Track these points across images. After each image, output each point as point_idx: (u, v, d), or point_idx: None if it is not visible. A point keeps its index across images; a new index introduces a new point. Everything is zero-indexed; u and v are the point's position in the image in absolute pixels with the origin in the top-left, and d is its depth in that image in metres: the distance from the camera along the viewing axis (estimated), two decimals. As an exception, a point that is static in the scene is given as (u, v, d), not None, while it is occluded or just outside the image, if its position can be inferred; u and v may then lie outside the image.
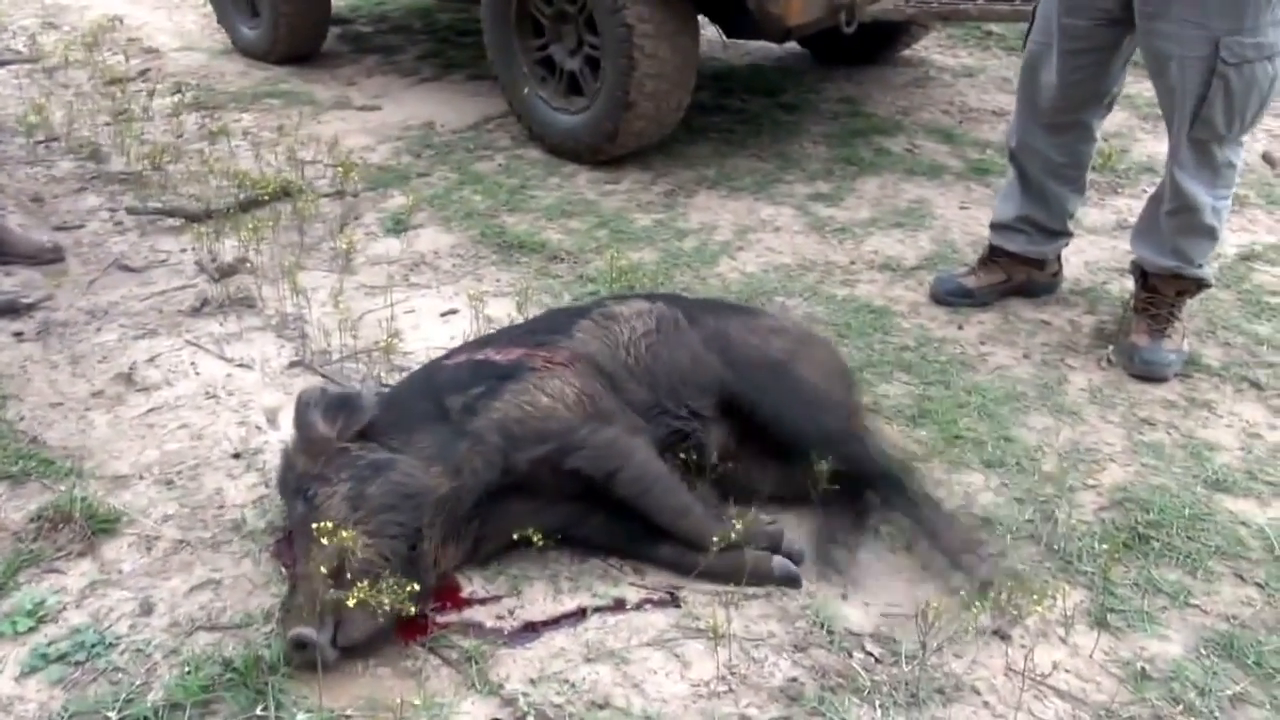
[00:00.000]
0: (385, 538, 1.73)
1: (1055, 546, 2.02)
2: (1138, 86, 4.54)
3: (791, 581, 1.87)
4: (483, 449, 1.87)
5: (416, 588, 1.68)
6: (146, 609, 1.74)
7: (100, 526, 1.91)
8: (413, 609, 1.66)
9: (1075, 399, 2.54)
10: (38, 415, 2.27)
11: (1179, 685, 1.72)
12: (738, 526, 1.80)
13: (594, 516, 1.96)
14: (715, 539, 1.80)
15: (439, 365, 2.13)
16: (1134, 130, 4.22)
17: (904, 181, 3.84)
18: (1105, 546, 1.96)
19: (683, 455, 2.06)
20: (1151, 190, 2.77)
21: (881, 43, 4.95)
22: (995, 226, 2.98)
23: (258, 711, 1.53)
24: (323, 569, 1.67)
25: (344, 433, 1.88)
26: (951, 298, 2.98)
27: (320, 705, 1.56)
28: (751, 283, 3.12)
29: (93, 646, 1.64)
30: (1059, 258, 3.03)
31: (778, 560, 1.86)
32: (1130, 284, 2.86)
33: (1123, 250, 3.27)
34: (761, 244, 3.40)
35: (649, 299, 2.28)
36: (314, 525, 1.73)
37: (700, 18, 3.94)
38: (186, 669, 1.58)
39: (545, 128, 4.12)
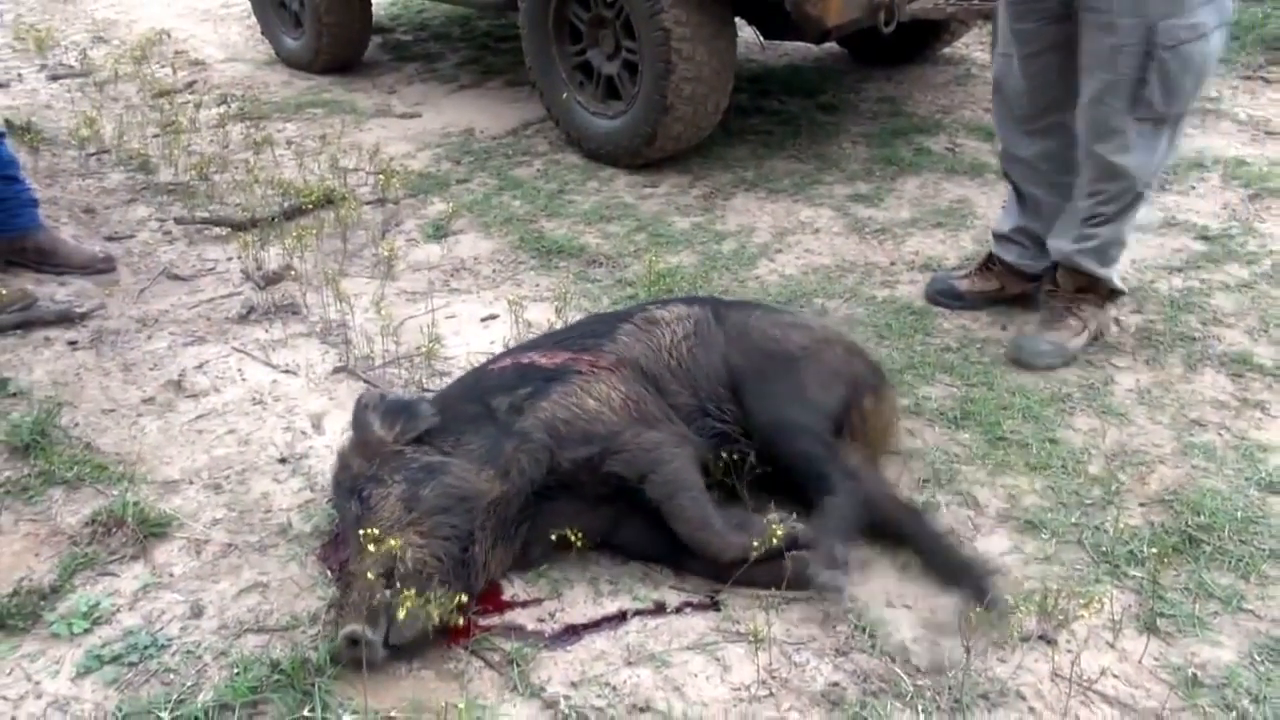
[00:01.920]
0: (438, 539, 1.75)
1: (1103, 549, 1.99)
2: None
3: (834, 590, 1.86)
4: (530, 447, 1.89)
5: (464, 599, 1.70)
6: (197, 611, 1.77)
7: (151, 530, 1.95)
8: (460, 620, 1.67)
9: (1122, 400, 2.49)
10: (91, 422, 2.33)
11: (1231, 692, 1.69)
12: (772, 534, 1.79)
13: (633, 521, 1.97)
14: (732, 555, 1.80)
15: (484, 370, 2.15)
16: (1182, 125, 4.14)
17: (945, 181, 3.81)
18: (1154, 550, 1.92)
19: (725, 456, 2.06)
20: (1199, 187, 2.72)
21: (921, 41, 4.91)
22: (995, 235, 2.96)
23: (305, 712, 1.55)
24: (376, 569, 1.69)
25: (400, 437, 1.90)
26: (941, 298, 2.97)
27: (366, 706, 1.58)
28: (790, 285, 3.11)
29: (145, 648, 1.68)
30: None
31: (823, 571, 1.84)
32: (1177, 282, 2.80)
33: (1171, 249, 3.22)
34: (800, 246, 3.39)
35: (688, 303, 2.29)
36: (367, 527, 1.77)
37: (738, 20, 3.94)
38: (235, 670, 1.61)
39: (583, 132, 4.14)
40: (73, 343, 2.68)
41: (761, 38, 4.23)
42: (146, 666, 1.65)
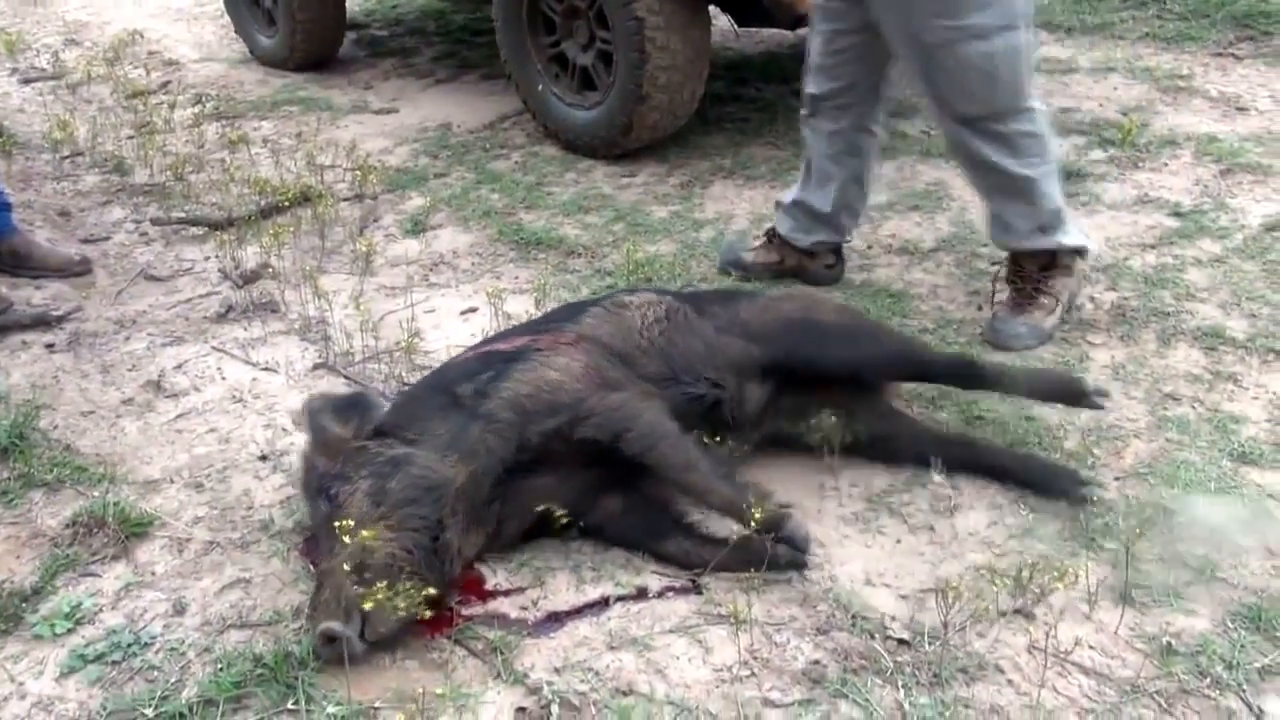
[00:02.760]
0: (408, 531, 1.76)
1: (1079, 522, 2.02)
2: (1156, 59, 4.50)
3: (796, 565, 1.87)
4: (496, 427, 1.90)
5: (432, 591, 1.71)
6: (179, 609, 1.78)
7: (133, 530, 1.96)
8: (427, 612, 1.68)
9: (1097, 376, 2.51)
10: (71, 424, 2.33)
11: (1206, 659, 1.71)
12: (756, 511, 1.81)
13: (610, 495, 1.98)
14: (739, 502, 1.83)
15: (450, 363, 2.16)
16: (1154, 103, 4.16)
17: (920, 164, 3.82)
18: (1128, 522, 1.95)
19: (710, 419, 2.08)
20: (1171, 164, 2.74)
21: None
22: (776, 205, 3.06)
23: (289, 706, 1.56)
24: (347, 565, 1.70)
25: (359, 432, 1.91)
26: (729, 268, 3.07)
27: (349, 698, 1.59)
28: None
29: (128, 646, 1.69)
30: (837, 252, 3.04)
31: (793, 524, 1.86)
32: (1151, 258, 2.82)
33: (1144, 226, 3.25)
34: (778, 232, 3.40)
35: (659, 292, 2.30)
36: (337, 523, 1.78)
37: (712, 8, 3.94)
38: (219, 666, 1.61)
39: (560, 124, 4.14)
40: (50, 345, 2.67)
41: (736, 26, 4.23)
42: (130, 664, 1.66)
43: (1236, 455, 2.20)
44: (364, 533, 1.71)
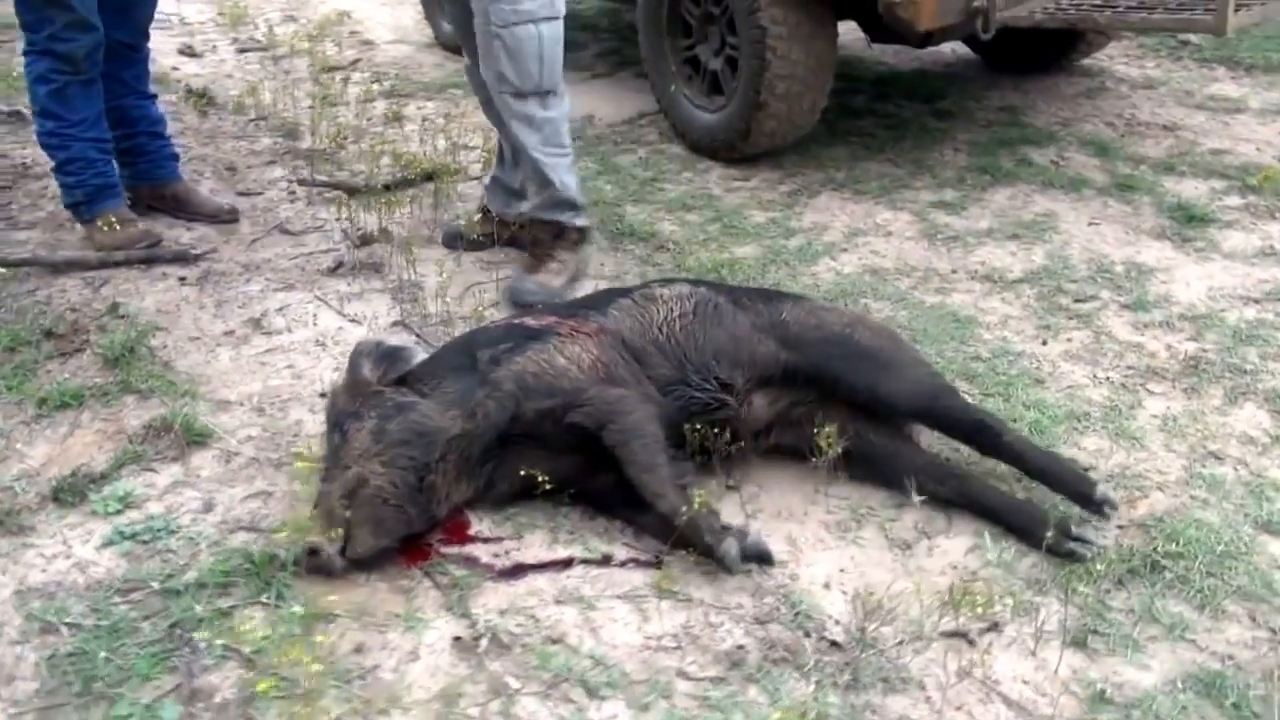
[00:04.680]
0: (397, 469, 1.96)
1: (1057, 563, 1.98)
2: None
3: (729, 563, 1.93)
4: (498, 395, 2.07)
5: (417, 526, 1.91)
6: (208, 507, 2.06)
7: (194, 439, 2.27)
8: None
9: (1143, 425, 2.43)
10: (177, 346, 2.69)
11: (1140, 713, 1.67)
12: (696, 501, 1.91)
13: (598, 474, 2.11)
14: (665, 507, 1.93)
15: (484, 327, 2.36)
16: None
17: (1038, 194, 3.72)
18: (1101, 568, 1.90)
19: (700, 426, 2.17)
20: None
21: (1057, 49, 4.75)
22: (486, 181, 3.47)
23: (262, 599, 1.81)
24: (340, 490, 1.93)
25: (384, 378, 2.13)
26: (449, 240, 3.40)
27: (313, 601, 1.81)
28: (843, 283, 3.15)
29: (159, 531, 1.98)
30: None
31: (727, 543, 1.94)
32: (1250, 313, 2.69)
33: (1256, 279, 3.06)
34: (867, 247, 3.41)
35: (693, 284, 2.41)
36: (340, 453, 2.01)
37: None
38: (219, 558, 1.88)
39: (686, 125, 4.28)
40: (183, 279, 3.07)
41: (868, 40, 4.23)
42: (154, 546, 1.95)
43: (1260, 523, 2.09)
44: (355, 467, 1.94)
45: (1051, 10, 3.39)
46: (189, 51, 6.14)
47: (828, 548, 2.08)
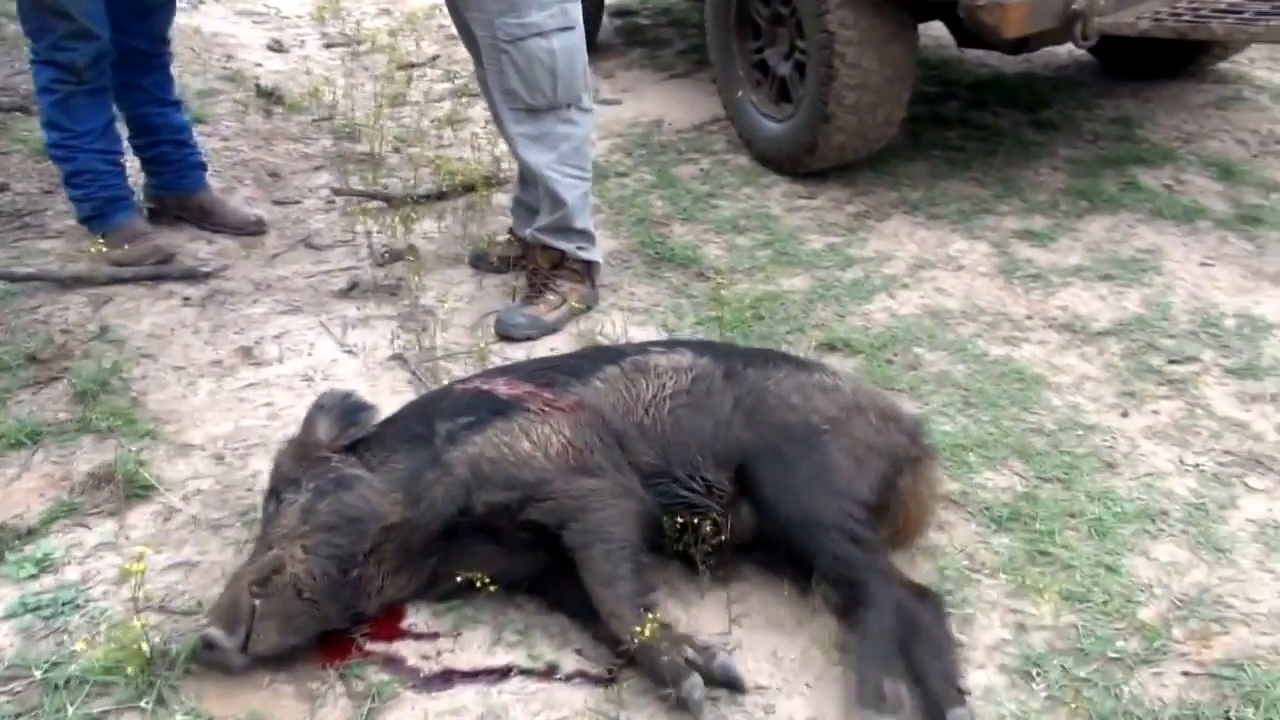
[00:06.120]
0: (319, 557, 1.73)
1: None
2: None
3: (691, 706, 1.62)
4: (447, 481, 1.82)
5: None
6: (123, 578, 1.88)
7: (134, 492, 2.09)
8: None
9: (1234, 532, 1.99)
10: (155, 377, 2.54)
11: None
12: (648, 627, 1.61)
13: (559, 571, 1.84)
14: (628, 633, 1.63)
15: (450, 388, 2.10)
16: None
17: (1143, 225, 3.23)
18: None
19: (681, 522, 1.87)
20: None
21: (1186, 52, 4.18)
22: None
23: (141, 704, 1.60)
24: (251, 575, 1.71)
25: (335, 442, 1.90)
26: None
27: (199, 709, 1.60)
28: (895, 327, 2.77)
29: (64, 604, 1.80)
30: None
31: (690, 682, 1.62)
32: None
33: (1403, 343, 2.53)
34: (932, 283, 3.01)
35: (697, 351, 2.07)
36: (267, 530, 1.80)
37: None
38: (111, 646, 1.68)
39: (752, 134, 3.94)
40: (187, 298, 2.93)
41: (958, 45, 3.78)
42: (54, 624, 1.78)
43: (1374, 683, 1.65)
44: (273, 551, 1.72)
45: (1162, 16, 2.90)
46: (276, 47, 6.09)
47: (818, 674, 1.74)
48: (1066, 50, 4.64)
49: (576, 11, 2.69)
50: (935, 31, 4.11)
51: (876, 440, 1.93)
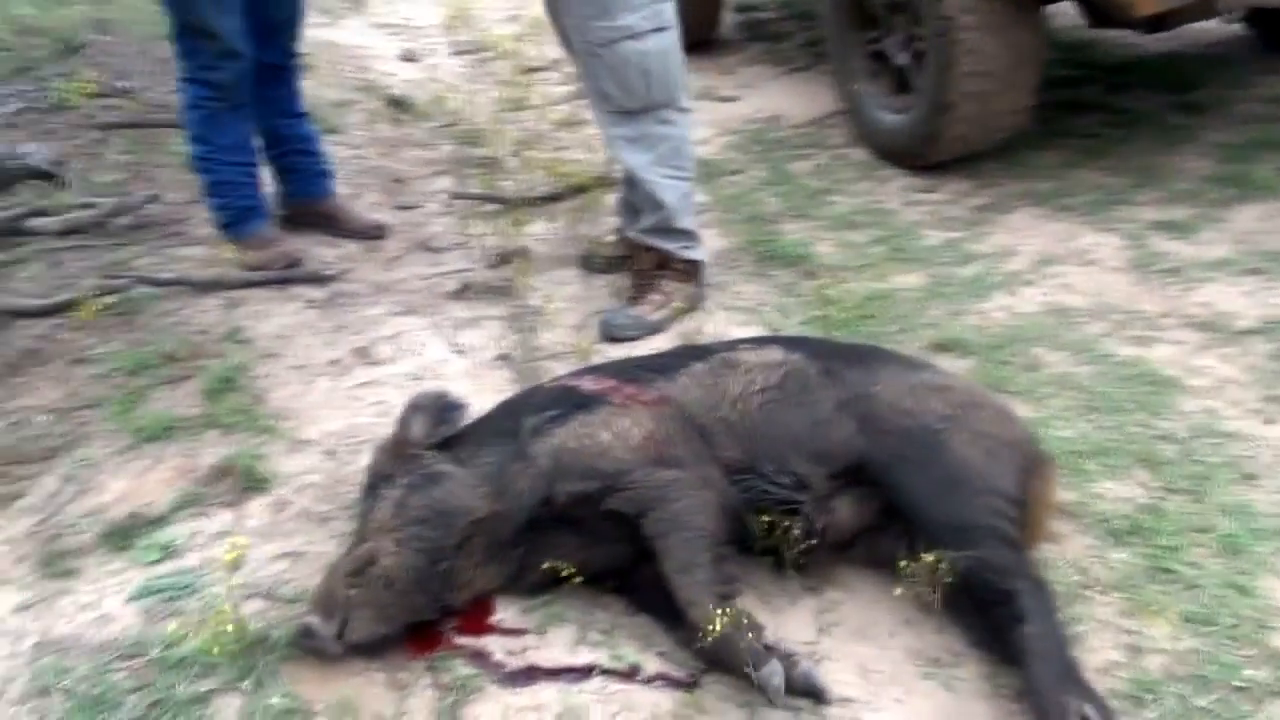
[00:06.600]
0: (410, 550, 1.78)
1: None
2: None
3: (770, 693, 1.58)
4: (531, 472, 1.84)
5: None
6: (237, 565, 1.97)
7: (251, 484, 2.20)
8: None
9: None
10: (277, 375, 2.66)
11: None
12: (726, 616, 1.58)
13: (644, 566, 1.83)
14: (705, 620, 1.61)
15: (539, 386, 2.12)
16: None
17: (1300, 213, 2.97)
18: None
19: (769, 520, 1.83)
20: None
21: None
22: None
23: (242, 685, 1.68)
24: (348, 567, 1.77)
25: (427, 440, 1.95)
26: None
27: (294, 694, 1.66)
28: (1014, 327, 2.64)
29: (183, 589, 1.91)
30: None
31: (769, 668, 1.58)
32: None
33: None
34: (1057, 279, 2.86)
35: (789, 348, 2.03)
36: (365, 524, 1.86)
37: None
38: (219, 630, 1.77)
39: (868, 126, 3.85)
40: (310, 301, 3.06)
41: (1089, 24, 3.57)
42: (173, 606, 1.88)
43: None
44: (368, 544, 1.78)
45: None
46: (409, 57, 6.30)
47: (909, 689, 1.67)
48: (1218, 25, 4.32)
49: (670, 11, 2.67)
50: (1074, 11, 3.90)
51: (1002, 432, 1.85)
